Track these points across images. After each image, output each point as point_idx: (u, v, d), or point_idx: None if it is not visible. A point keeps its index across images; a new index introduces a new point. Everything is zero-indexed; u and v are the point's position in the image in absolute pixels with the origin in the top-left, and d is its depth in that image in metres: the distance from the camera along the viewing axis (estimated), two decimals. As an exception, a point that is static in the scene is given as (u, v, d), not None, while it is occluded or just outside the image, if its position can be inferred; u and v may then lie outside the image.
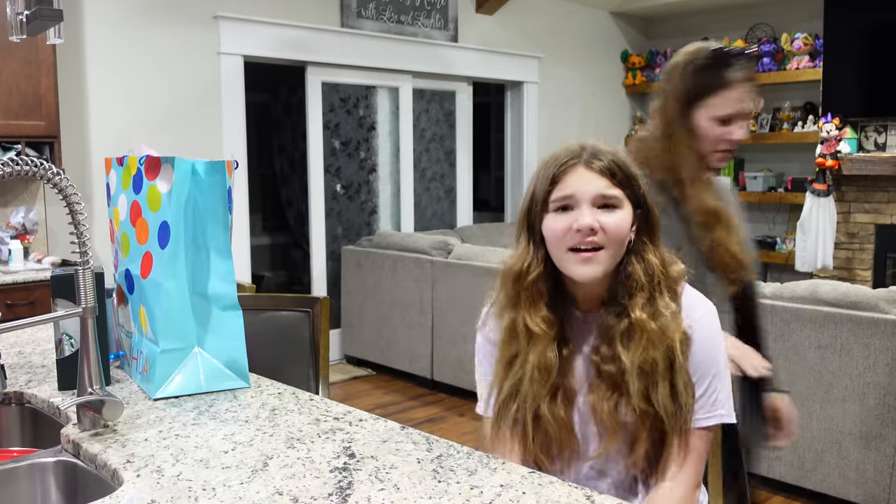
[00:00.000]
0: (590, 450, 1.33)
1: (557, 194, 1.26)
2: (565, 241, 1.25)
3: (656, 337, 1.25)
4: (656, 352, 1.24)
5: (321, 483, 1.08)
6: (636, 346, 1.25)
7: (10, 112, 3.39)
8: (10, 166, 1.13)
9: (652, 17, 6.73)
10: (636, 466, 1.30)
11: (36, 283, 3.28)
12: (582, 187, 1.24)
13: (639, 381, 1.25)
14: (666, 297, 1.27)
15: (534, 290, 1.30)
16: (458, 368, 4.30)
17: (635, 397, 1.25)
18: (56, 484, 1.28)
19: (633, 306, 1.26)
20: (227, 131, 4.43)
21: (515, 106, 6.04)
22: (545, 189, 1.27)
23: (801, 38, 5.56)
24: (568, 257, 1.25)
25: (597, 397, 1.29)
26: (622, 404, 1.27)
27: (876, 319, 2.75)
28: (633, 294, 1.27)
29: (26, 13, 1.59)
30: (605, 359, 1.28)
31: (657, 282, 1.27)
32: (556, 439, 1.32)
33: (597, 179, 1.25)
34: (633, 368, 1.25)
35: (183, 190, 1.44)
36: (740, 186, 6.09)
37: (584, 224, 1.22)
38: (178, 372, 1.48)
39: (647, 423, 1.26)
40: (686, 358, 1.27)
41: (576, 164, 1.26)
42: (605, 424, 1.29)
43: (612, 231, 1.24)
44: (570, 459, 1.35)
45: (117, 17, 3.97)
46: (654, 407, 1.25)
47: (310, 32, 4.72)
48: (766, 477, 3.11)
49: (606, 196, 1.25)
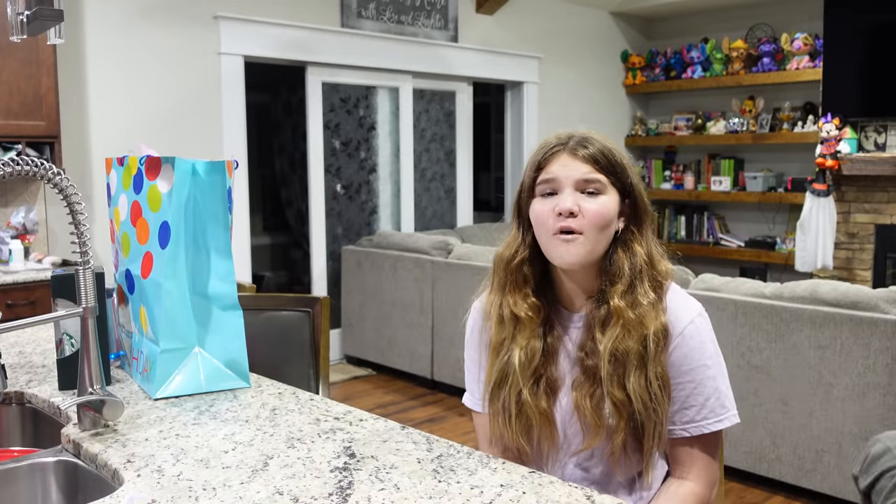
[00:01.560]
0: (571, 446, 1.34)
1: (542, 177, 1.29)
2: (548, 224, 1.27)
3: (632, 326, 1.26)
4: (630, 340, 1.26)
5: (321, 483, 1.09)
6: (611, 333, 1.26)
7: (10, 112, 3.39)
8: (10, 166, 1.13)
9: (652, 17, 6.74)
10: (614, 458, 1.31)
11: (36, 283, 3.28)
12: (564, 172, 1.27)
13: (610, 366, 1.26)
14: (646, 286, 1.28)
15: (518, 274, 1.32)
16: (458, 368, 4.30)
17: (607, 382, 1.26)
18: (56, 484, 1.28)
19: (613, 294, 1.28)
20: (228, 131, 4.43)
21: (515, 106, 6.04)
22: (531, 175, 1.30)
23: (801, 38, 5.56)
24: (551, 240, 1.27)
25: (580, 394, 1.30)
26: (605, 401, 1.28)
27: (876, 319, 2.75)
28: (615, 282, 1.29)
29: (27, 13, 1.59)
30: (588, 353, 1.30)
31: (639, 271, 1.29)
32: (536, 428, 1.33)
33: (580, 165, 1.27)
34: (606, 353, 1.26)
35: (183, 190, 1.44)
36: (740, 186, 6.10)
37: (565, 207, 1.25)
38: (179, 372, 1.48)
39: (624, 413, 1.27)
40: (662, 351, 1.27)
41: (560, 151, 1.29)
42: (587, 422, 1.30)
43: (592, 215, 1.26)
44: (549, 452, 1.36)
45: (118, 18, 3.97)
46: (629, 396, 1.26)
47: (310, 32, 4.72)
48: (766, 477, 3.11)
49: (588, 181, 1.27)
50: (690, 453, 1.33)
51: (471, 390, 1.47)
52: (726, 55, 6.06)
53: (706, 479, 1.33)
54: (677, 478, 1.34)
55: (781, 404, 3.00)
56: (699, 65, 6.26)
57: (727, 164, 6.20)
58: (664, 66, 6.51)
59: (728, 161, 6.20)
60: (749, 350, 3.07)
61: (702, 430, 1.31)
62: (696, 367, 1.30)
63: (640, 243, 1.31)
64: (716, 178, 6.21)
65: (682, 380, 1.30)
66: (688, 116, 6.50)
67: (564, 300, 1.36)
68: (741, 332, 3.08)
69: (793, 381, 2.96)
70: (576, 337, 1.34)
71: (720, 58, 6.10)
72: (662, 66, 6.52)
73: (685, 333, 1.29)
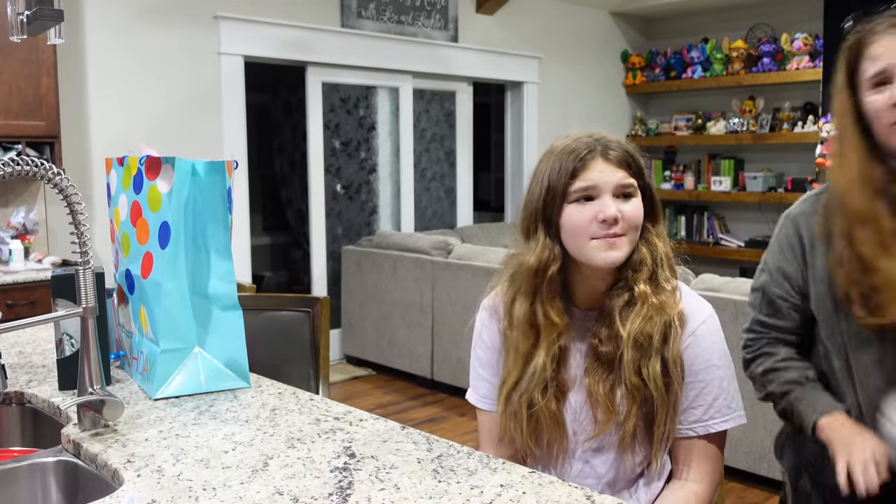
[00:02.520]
0: (580, 440, 1.35)
1: (579, 185, 1.27)
2: (589, 230, 1.27)
3: (655, 311, 1.28)
4: (653, 325, 1.27)
5: (321, 483, 1.09)
6: (635, 317, 1.28)
7: (10, 112, 3.39)
8: (10, 166, 1.13)
9: (652, 17, 6.74)
10: (624, 446, 1.31)
11: (36, 283, 3.28)
12: (603, 178, 1.27)
13: (633, 351, 1.27)
14: (666, 273, 1.31)
15: (554, 283, 1.32)
16: (458, 368, 4.30)
17: (626, 369, 1.27)
18: (56, 484, 1.28)
19: (637, 280, 1.30)
20: (228, 131, 4.43)
21: (515, 106, 6.04)
22: (565, 181, 1.28)
23: (801, 38, 5.56)
24: (592, 244, 1.27)
25: (593, 380, 1.31)
26: (618, 386, 1.29)
27: (876, 319, 2.75)
28: (638, 269, 1.30)
29: (27, 13, 1.59)
30: (603, 340, 1.31)
31: (660, 260, 1.31)
32: (546, 431, 1.34)
33: (615, 171, 1.28)
34: (629, 340, 1.27)
35: (183, 190, 1.44)
36: (740, 186, 6.10)
37: (610, 214, 1.25)
38: (179, 372, 1.48)
39: (638, 398, 1.28)
40: (679, 338, 1.29)
41: (594, 157, 1.28)
42: (599, 407, 1.30)
43: (631, 219, 1.28)
44: (557, 453, 1.36)
45: (118, 18, 3.97)
46: (645, 382, 1.27)
47: (310, 32, 4.72)
48: (766, 477, 3.11)
49: (625, 186, 1.28)
50: (695, 452, 1.33)
51: (475, 387, 1.47)
52: (726, 55, 6.06)
53: (709, 480, 1.34)
54: (680, 478, 1.35)
55: (781, 404, 3.00)
56: (699, 65, 6.26)
57: (727, 164, 6.20)
58: (664, 66, 6.51)
59: (728, 161, 6.20)
60: (749, 350, 3.06)
61: (707, 430, 1.32)
62: (706, 367, 1.31)
63: (659, 236, 1.34)
64: (716, 178, 6.21)
65: (691, 379, 1.31)
66: (688, 116, 6.50)
67: (578, 299, 1.36)
68: (741, 332, 3.08)
69: (793, 381, 2.96)
70: (588, 332, 1.35)
71: (720, 58, 6.10)
72: (662, 66, 6.52)
73: (697, 333, 1.30)
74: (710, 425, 1.31)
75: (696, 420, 1.32)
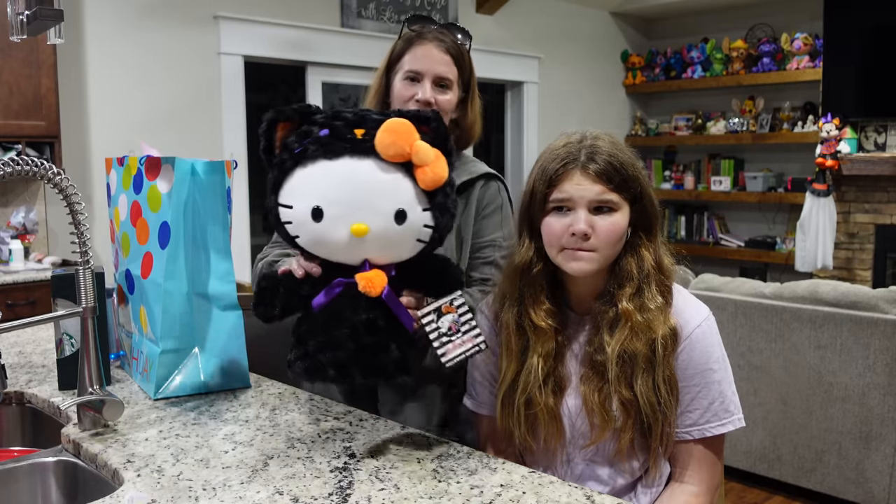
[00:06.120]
0: (579, 443, 1.35)
1: (556, 195, 1.27)
2: (561, 241, 1.27)
3: (640, 329, 1.27)
4: (638, 343, 1.26)
5: (321, 483, 1.09)
6: (619, 335, 1.27)
7: (10, 112, 3.39)
8: (10, 166, 1.13)
9: (652, 17, 6.73)
10: (621, 455, 1.31)
11: (36, 283, 3.28)
12: (578, 193, 1.26)
13: (617, 367, 1.27)
14: (653, 289, 1.29)
15: (536, 284, 1.33)
16: (458, 368, 4.29)
17: (614, 383, 1.27)
18: (56, 484, 1.28)
19: (621, 297, 1.29)
20: (227, 131, 4.43)
21: (515, 106, 6.04)
22: (543, 190, 1.29)
23: (801, 38, 5.56)
24: (562, 254, 1.28)
25: (588, 389, 1.31)
26: (612, 397, 1.29)
27: (876, 319, 2.75)
28: (623, 285, 1.29)
29: (27, 13, 1.58)
30: (596, 349, 1.31)
31: (647, 275, 1.30)
32: (543, 427, 1.34)
33: (592, 185, 1.26)
34: (613, 356, 1.27)
35: (183, 190, 1.44)
36: (740, 186, 6.10)
37: (579, 229, 1.24)
38: (179, 372, 1.48)
39: (632, 412, 1.28)
40: (670, 354, 1.28)
41: (573, 168, 1.27)
42: (595, 415, 1.30)
43: (604, 235, 1.26)
44: (557, 450, 1.36)
45: (118, 18, 3.97)
46: (636, 395, 1.27)
47: (310, 32, 4.72)
48: (766, 477, 3.11)
49: (602, 201, 1.26)
50: (693, 456, 1.33)
51: (472, 393, 1.47)
52: (726, 55, 6.06)
53: (708, 484, 1.34)
54: (679, 481, 1.34)
55: (781, 404, 3.00)
56: (699, 65, 6.26)
57: (727, 164, 6.20)
58: (664, 66, 6.51)
59: (728, 161, 6.20)
60: (749, 350, 3.07)
61: (704, 434, 1.31)
62: (702, 370, 1.30)
63: (649, 248, 1.31)
64: (716, 178, 6.21)
65: (687, 383, 1.30)
66: (688, 116, 6.50)
67: (573, 302, 1.36)
68: (741, 332, 3.08)
69: (793, 380, 2.96)
70: (583, 336, 1.35)
71: (720, 58, 6.09)
72: (662, 66, 6.52)
73: (692, 337, 1.30)
74: (707, 429, 1.31)
75: (693, 424, 1.31)
